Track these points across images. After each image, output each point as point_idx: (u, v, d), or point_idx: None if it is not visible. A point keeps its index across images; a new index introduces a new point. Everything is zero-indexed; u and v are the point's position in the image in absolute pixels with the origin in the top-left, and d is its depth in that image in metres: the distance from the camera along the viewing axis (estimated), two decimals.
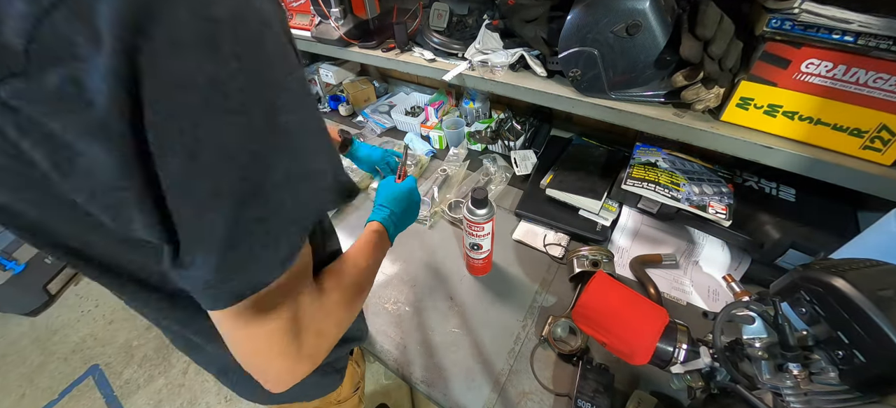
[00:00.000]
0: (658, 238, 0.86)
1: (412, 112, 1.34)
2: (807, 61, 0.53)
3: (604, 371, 0.62)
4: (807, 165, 0.57)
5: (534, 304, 0.78)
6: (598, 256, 0.76)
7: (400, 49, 1.00)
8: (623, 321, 0.52)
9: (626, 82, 0.68)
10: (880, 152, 0.54)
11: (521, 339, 0.73)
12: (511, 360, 0.70)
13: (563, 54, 0.68)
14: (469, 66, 0.86)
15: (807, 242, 0.68)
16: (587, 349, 0.69)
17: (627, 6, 0.59)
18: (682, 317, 0.66)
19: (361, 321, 0.64)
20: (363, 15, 1.11)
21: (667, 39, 0.61)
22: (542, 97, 0.78)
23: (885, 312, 0.30)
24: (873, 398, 0.32)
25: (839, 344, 0.33)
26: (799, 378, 0.36)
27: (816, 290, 0.35)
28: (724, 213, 0.73)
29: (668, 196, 0.76)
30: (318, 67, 1.49)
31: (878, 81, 0.50)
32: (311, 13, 1.10)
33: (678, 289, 0.78)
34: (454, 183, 1.06)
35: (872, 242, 0.52)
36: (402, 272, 0.87)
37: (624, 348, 0.51)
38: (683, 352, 0.48)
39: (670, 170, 0.82)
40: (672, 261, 0.80)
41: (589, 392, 0.60)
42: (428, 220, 0.97)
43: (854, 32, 0.48)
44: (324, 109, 1.49)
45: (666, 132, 0.67)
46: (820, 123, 0.55)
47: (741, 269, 0.77)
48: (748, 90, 0.59)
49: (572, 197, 0.89)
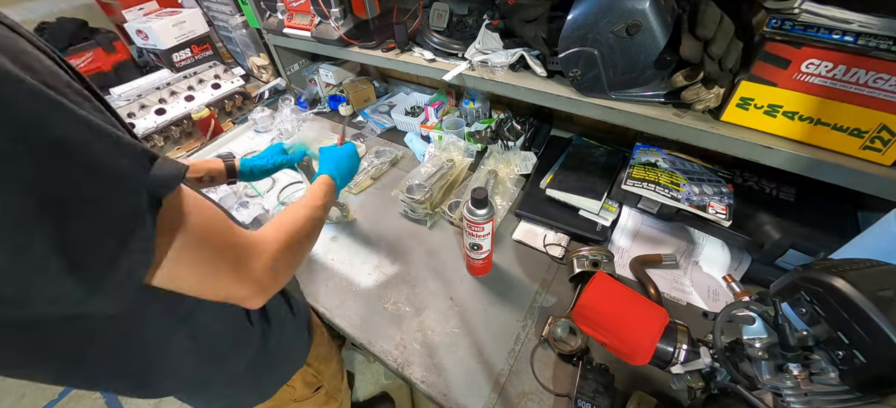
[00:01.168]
0: (658, 238, 0.86)
1: (412, 112, 1.34)
2: (807, 61, 0.53)
3: (604, 371, 0.62)
4: (807, 165, 0.57)
5: (534, 304, 0.78)
6: (598, 257, 0.76)
7: (400, 49, 1.00)
8: (623, 321, 0.52)
9: (626, 82, 0.68)
10: (880, 152, 0.54)
11: (521, 339, 0.73)
12: (511, 360, 0.70)
13: (563, 54, 0.68)
14: (469, 66, 0.86)
15: (807, 242, 0.68)
16: (587, 349, 0.69)
17: (627, 6, 0.59)
18: (682, 317, 0.66)
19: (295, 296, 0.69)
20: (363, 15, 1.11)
21: (667, 39, 0.61)
22: (542, 97, 0.78)
23: (885, 312, 0.30)
24: (873, 398, 0.32)
25: (839, 344, 0.33)
26: (799, 378, 0.36)
27: (816, 290, 0.35)
28: (724, 213, 0.73)
29: (668, 196, 0.76)
30: (318, 67, 1.49)
31: (878, 81, 0.50)
32: (311, 13, 1.10)
33: (678, 289, 0.78)
34: (454, 183, 1.05)
35: (872, 242, 0.52)
36: (402, 272, 0.87)
37: (624, 349, 0.51)
38: (683, 352, 0.48)
39: (670, 170, 0.82)
40: (672, 261, 0.80)
41: (589, 392, 0.60)
42: (427, 220, 0.96)
43: (854, 32, 0.48)
44: (324, 109, 1.49)
45: (666, 132, 0.67)
46: (820, 123, 0.55)
47: (741, 269, 0.77)
48: (748, 90, 0.59)
49: (572, 197, 0.89)
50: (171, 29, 1.49)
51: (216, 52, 1.66)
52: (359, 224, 1.00)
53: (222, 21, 1.59)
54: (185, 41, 1.54)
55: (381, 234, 0.96)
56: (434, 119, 1.24)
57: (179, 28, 1.51)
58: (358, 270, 0.88)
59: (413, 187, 0.98)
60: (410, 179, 1.01)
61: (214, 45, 1.65)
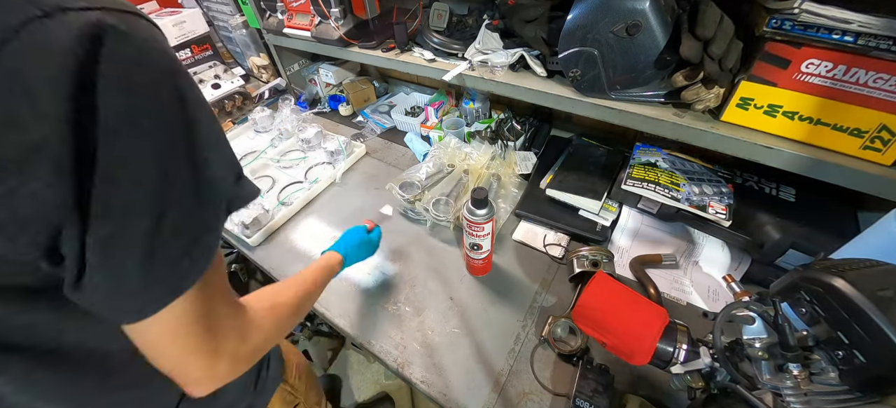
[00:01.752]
0: (658, 238, 0.86)
1: (412, 112, 1.34)
2: (807, 61, 0.53)
3: (604, 371, 0.62)
4: (807, 165, 0.57)
5: (534, 304, 0.78)
6: (598, 257, 0.76)
7: (400, 49, 1.00)
8: (623, 321, 0.52)
9: (626, 82, 0.68)
10: (880, 152, 0.54)
11: (521, 339, 0.73)
12: (511, 360, 0.70)
13: (563, 54, 0.68)
14: (469, 66, 0.86)
15: (807, 242, 0.68)
16: (587, 349, 0.69)
17: (627, 6, 0.59)
18: (682, 317, 0.66)
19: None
20: (363, 15, 1.11)
21: (667, 39, 0.61)
22: (542, 97, 0.78)
23: (885, 312, 0.30)
24: (873, 398, 0.32)
25: (839, 344, 0.33)
26: (799, 378, 0.36)
27: (816, 290, 0.35)
28: (724, 213, 0.73)
29: (668, 196, 0.76)
30: (318, 67, 1.49)
31: (878, 81, 0.50)
32: (311, 13, 1.10)
33: (678, 289, 0.78)
34: (468, 187, 1.03)
35: (872, 242, 0.52)
36: (402, 272, 0.87)
37: (624, 348, 0.51)
38: (683, 352, 0.48)
39: (670, 170, 0.82)
40: (672, 261, 0.80)
41: (588, 392, 0.60)
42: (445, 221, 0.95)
43: (854, 32, 0.48)
44: (324, 109, 1.49)
45: (666, 132, 0.67)
46: (820, 123, 0.55)
47: (741, 269, 0.77)
48: (748, 90, 0.59)
49: (572, 197, 0.89)
50: (172, 29, 1.49)
51: (216, 52, 1.65)
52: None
53: (222, 21, 1.59)
54: (186, 41, 1.54)
55: (382, 233, 0.96)
56: (434, 119, 1.24)
57: (179, 28, 1.51)
58: (358, 269, 0.88)
59: (406, 185, 0.98)
60: (407, 176, 1.01)
61: (214, 45, 1.65)
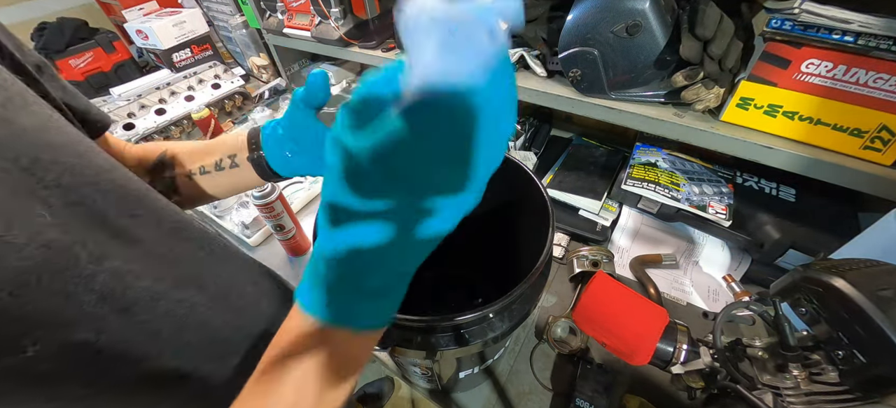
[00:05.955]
0: (658, 238, 0.86)
1: None
2: (807, 61, 0.53)
3: (604, 371, 0.62)
4: (807, 165, 0.57)
5: None
6: (598, 257, 0.76)
7: (400, 49, 1.00)
8: (623, 321, 0.52)
9: (626, 82, 0.68)
10: (880, 152, 0.53)
11: (520, 339, 0.72)
12: (511, 360, 0.70)
13: (563, 54, 0.68)
14: None
15: (807, 242, 0.68)
16: (587, 349, 0.69)
17: (627, 6, 0.59)
18: (682, 317, 0.66)
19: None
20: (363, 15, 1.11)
21: (667, 39, 0.61)
22: (542, 97, 0.78)
23: (885, 312, 0.30)
24: (873, 398, 0.32)
25: (839, 344, 0.33)
26: (799, 378, 0.36)
27: (816, 290, 0.35)
28: (724, 213, 0.73)
29: (668, 196, 0.76)
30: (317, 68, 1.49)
31: (879, 81, 0.50)
32: (311, 13, 1.10)
33: (678, 289, 0.78)
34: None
35: (872, 242, 0.52)
36: None
37: (624, 348, 0.51)
38: (683, 352, 0.48)
39: (670, 170, 0.82)
40: (672, 261, 0.80)
41: (588, 392, 0.60)
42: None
43: (854, 32, 0.48)
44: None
45: (666, 132, 0.67)
46: (820, 124, 0.55)
47: (741, 269, 0.77)
48: (748, 90, 0.59)
49: (572, 197, 0.89)
50: (171, 29, 1.49)
51: (216, 52, 1.66)
52: None
53: (222, 21, 1.59)
54: (185, 41, 1.54)
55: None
56: None
57: (179, 28, 1.51)
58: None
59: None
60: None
61: (214, 45, 1.65)
